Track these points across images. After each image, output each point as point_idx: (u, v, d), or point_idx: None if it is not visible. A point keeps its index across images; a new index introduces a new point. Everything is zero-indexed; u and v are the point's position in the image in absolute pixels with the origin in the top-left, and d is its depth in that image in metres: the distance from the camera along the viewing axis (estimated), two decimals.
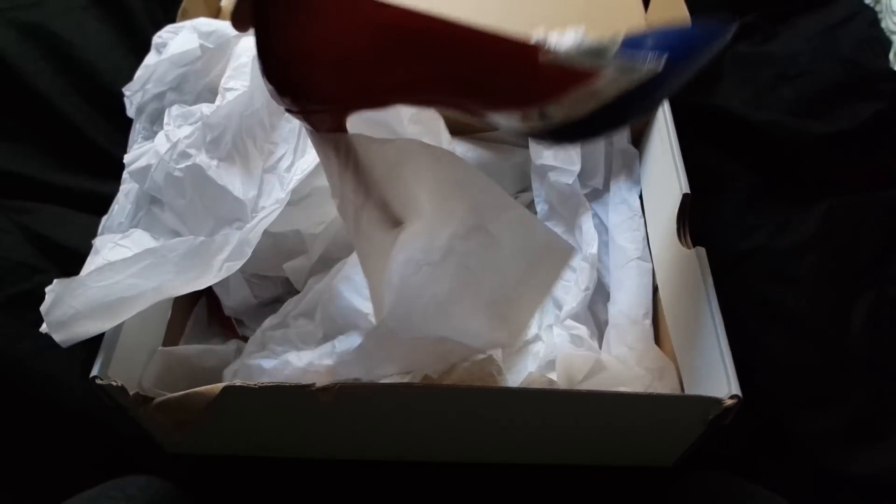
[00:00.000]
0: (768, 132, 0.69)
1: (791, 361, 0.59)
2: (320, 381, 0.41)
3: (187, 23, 0.59)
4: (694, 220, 0.54)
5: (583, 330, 0.56)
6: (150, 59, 0.58)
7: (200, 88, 0.57)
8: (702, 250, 0.49)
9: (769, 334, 0.60)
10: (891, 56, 0.73)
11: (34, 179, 0.66)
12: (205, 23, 0.59)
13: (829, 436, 0.55)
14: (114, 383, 0.42)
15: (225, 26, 0.59)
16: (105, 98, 0.68)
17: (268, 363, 0.50)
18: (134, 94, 0.58)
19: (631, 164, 0.63)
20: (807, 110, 0.69)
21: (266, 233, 0.49)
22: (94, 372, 0.43)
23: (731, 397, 0.42)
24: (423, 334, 0.43)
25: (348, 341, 0.50)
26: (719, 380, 0.43)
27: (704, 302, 0.47)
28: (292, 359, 0.50)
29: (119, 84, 0.60)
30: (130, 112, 0.58)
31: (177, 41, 0.58)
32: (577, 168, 0.60)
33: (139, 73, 0.58)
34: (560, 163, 0.61)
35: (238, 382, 0.42)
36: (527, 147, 0.63)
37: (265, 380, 0.45)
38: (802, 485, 0.54)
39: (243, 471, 0.53)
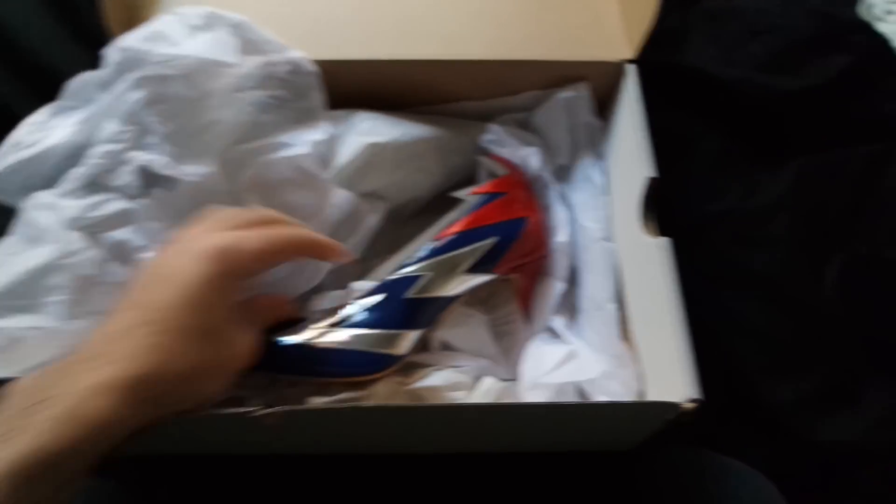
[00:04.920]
0: (738, 90, 0.66)
1: (761, 328, 0.58)
2: None
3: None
4: (661, 184, 0.52)
5: (558, 321, 0.55)
6: (172, 29, 0.50)
7: (209, 88, 0.50)
8: (667, 240, 0.48)
9: (739, 300, 0.60)
10: (861, 7, 0.70)
11: None
12: (250, 28, 0.54)
13: (801, 403, 0.55)
14: None
15: (264, 40, 0.54)
16: (28, 67, 0.64)
17: None
18: (131, 56, 0.49)
19: (595, 137, 0.60)
20: (777, 66, 0.66)
21: None
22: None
23: (692, 401, 0.41)
24: None
25: None
26: (681, 381, 0.43)
27: (666, 297, 0.45)
28: None
29: (46, 54, 0.55)
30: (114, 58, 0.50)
31: (213, 38, 0.51)
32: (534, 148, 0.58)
33: (146, 38, 0.49)
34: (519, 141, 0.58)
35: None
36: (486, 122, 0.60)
37: None
38: (775, 454, 0.54)
39: (192, 467, 0.52)
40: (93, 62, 0.51)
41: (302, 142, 0.52)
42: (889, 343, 0.55)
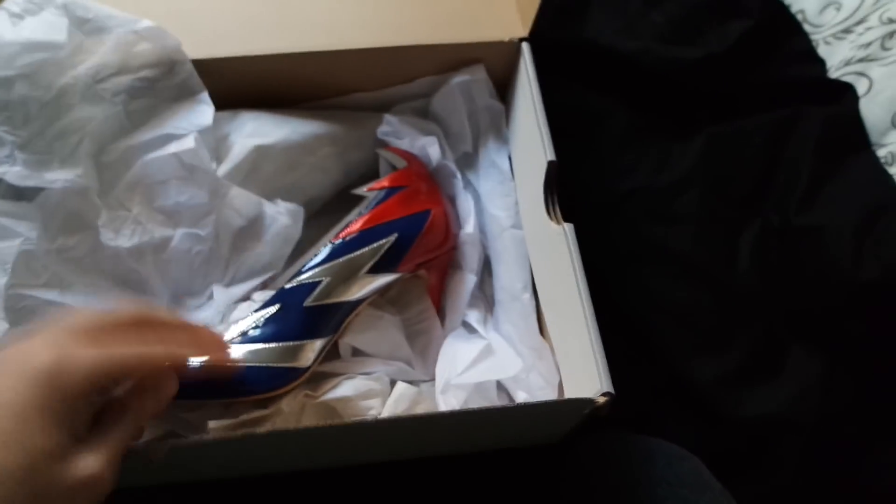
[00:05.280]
0: (640, 62, 0.64)
1: (682, 305, 0.57)
2: None
3: None
4: (571, 163, 0.50)
5: (473, 315, 0.53)
6: None
7: (62, 84, 0.46)
8: (570, 227, 0.46)
9: (657, 278, 0.58)
10: None
11: None
12: (81, 5, 0.48)
13: (725, 379, 0.54)
14: None
15: (105, 15, 0.48)
16: None
17: None
18: None
19: (497, 121, 0.58)
20: (678, 35, 0.64)
21: None
22: None
23: (603, 395, 0.39)
24: None
25: None
26: (593, 374, 0.41)
27: (574, 287, 0.43)
28: None
29: None
30: None
31: (39, 21, 0.46)
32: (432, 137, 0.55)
33: None
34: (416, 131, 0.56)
35: None
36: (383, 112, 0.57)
37: None
38: (703, 432, 0.53)
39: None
40: None
41: (186, 131, 0.49)
42: (807, 311, 0.54)
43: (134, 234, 0.47)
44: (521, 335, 0.52)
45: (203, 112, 0.50)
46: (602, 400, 0.39)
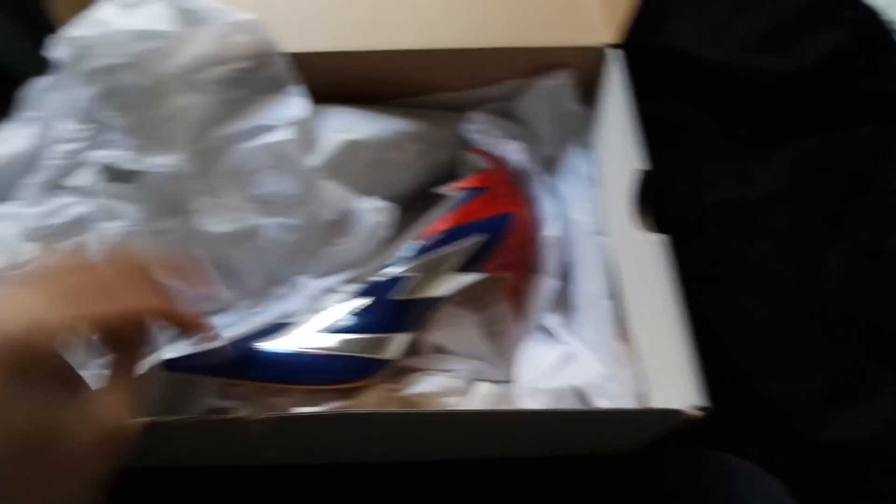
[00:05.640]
0: (726, 72, 0.64)
1: (763, 322, 0.56)
2: None
3: None
4: (654, 173, 0.49)
5: (552, 319, 0.53)
6: (108, 12, 0.47)
7: (164, 73, 0.46)
8: (663, 237, 0.45)
9: (739, 294, 0.57)
10: None
11: None
12: None
13: (807, 400, 0.53)
14: None
15: (205, 7, 0.49)
16: None
17: None
18: (77, 48, 0.45)
19: (581, 127, 0.57)
20: (766, 45, 0.64)
21: None
22: None
23: (696, 408, 0.39)
24: None
25: None
26: (685, 386, 0.40)
27: (666, 297, 0.43)
28: None
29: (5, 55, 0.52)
30: (61, 54, 0.46)
31: (147, 11, 0.48)
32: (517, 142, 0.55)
33: (86, 25, 0.45)
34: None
35: (159, 419, 0.37)
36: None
37: None
38: (779, 452, 0.52)
39: (179, 480, 0.50)
40: (43, 58, 0.48)
41: (281, 123, 0.49)
42: (894, 335, 0.53)
43: (231, 221, 0.48)
44: (600, 342, 0.51)
45: (296, 105, 0.51)
46: (694, 413, 0.39)
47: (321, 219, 0.50)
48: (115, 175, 0.45)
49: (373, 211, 0.52)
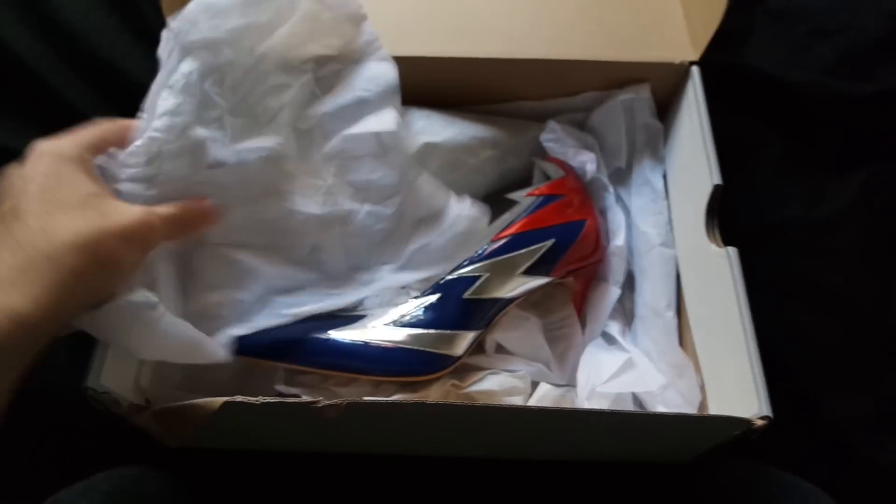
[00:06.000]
0: (803, 93, 0.64)
1: (827, 342, 0.56)
2: None
3: None
4: (723, 191, 0.50)
5: (614, 327, 0.54)
6: None
7: (261, 51, 0.46)
8: (734, 251, 0.46)
9: (804, 312, 0.57)
10: None
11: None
12: None
13: (865, 421, 0.53)
14: (106, 393, 0.41)
15: None
16: (89, 65, 0.64)
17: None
18: (180, 21, 0.44)
19: (655, 140, 0.58)
20: (845, 69, 0.64)
21: None
22: (88, 382, 0.41)
23: (762, 418, 0.40)
24: None
25: None
26: (748, 395, 0.41)
27: (735, 309, 0.44)
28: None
29: (104, 50, 0.55)
30: (163, 51, 0.46)
31: None
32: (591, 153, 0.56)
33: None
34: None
35: (239, 399, 0.40)
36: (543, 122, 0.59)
37: None
38: (836, 472, 0.52)
39: (244, 462, 0.52)
40: (152, 57, 0.50)
41: (373, 92, 0.49)
42: None
43: (325, 204, 0.49)
44: (662, 351, 0.52)
45: (386, 71, 0.50)
46: (760, 422, 0.40)
47: (414, 212, 0.51)
48: (214, 152, 0.44)
49: (468, 212, 0.52)
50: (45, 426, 0.53)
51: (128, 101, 0.62)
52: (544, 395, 0.49)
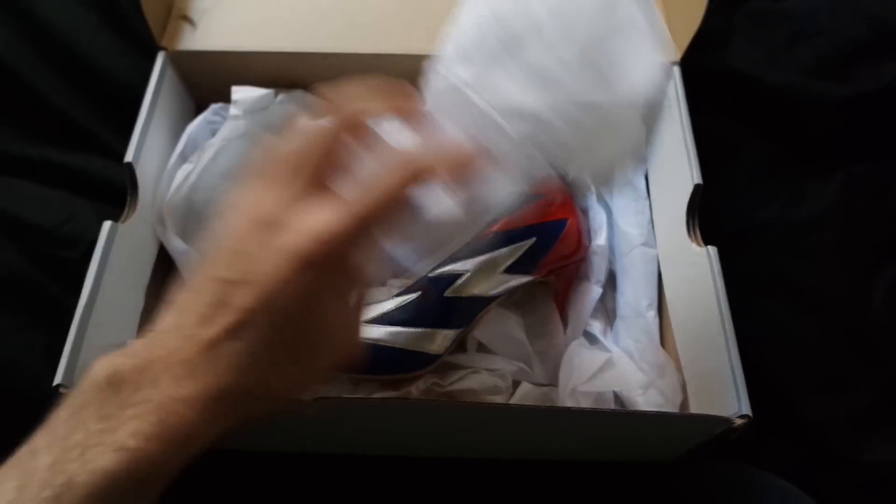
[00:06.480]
0: (783, 95, 0.64)
1: (806, 342, 0.56)
2: None
3: None
4: (703, 191, 0.50)
5: (596, 326, 0.54)
6: None
7: None
8: (714, 250, 0.46)
9: (783, 313, 0.57)
10: None
11: None
12: None
13: (845, 421, 0.53)
14: None
15: None
16: (67, 62, 0.63)
17: None
18: None
19: (636, 141, 0.58)
20: (825, 71, 0.64)
21: None
22: (58, 379, 0.40)
23: (741, 417, 0.40)
24: None
25: None
26: (728, 395, 0.41)
27: (715, 309, 0.44)
28: None
29: (82, 47, 0.54)
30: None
31: None
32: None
33: None
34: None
35: None
36: None
37: None
38: (817, 473, 0.52)
39: (227, 461, 0.51)
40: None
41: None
42: None
43: None
44: (643, 351, 0.52)
45: None
46: (739, 421, 0.40)
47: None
48: None
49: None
50: (18, 426, 0.51)
51: (106, 98, 0.62)
52: (525, 395, 0.49)
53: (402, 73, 0.56)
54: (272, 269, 0.30)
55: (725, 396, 0.41)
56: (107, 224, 0.46)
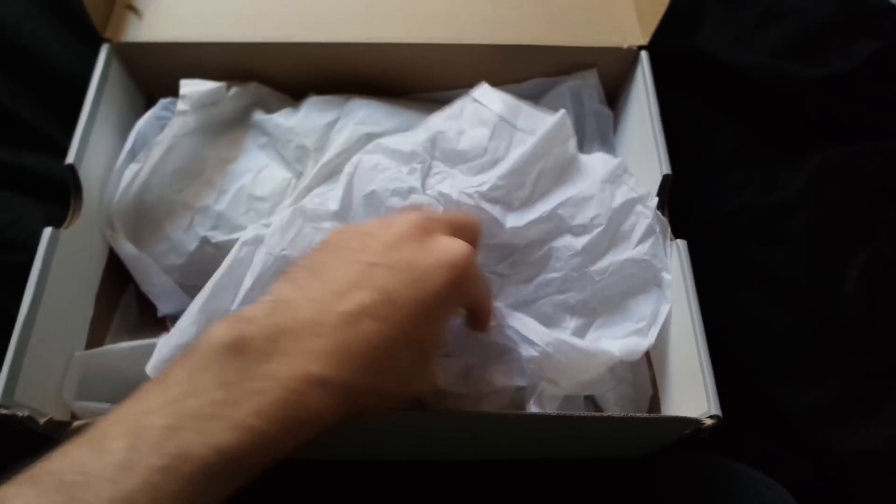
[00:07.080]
0: (753, 77, 0.62)
1: (780, 329, 0.55)
2: None
3: None
4: (675, 179, 0.49)
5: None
6: None
7: None
8: (683, 244, 0.45)
9: (756, 301, 0.56)
10: None
11: None
12: None
13: (820, 409, 0.52)
14: (19, 413, 0.38)
15: None
16: (8, 54, 0.60)
17: None
18: None
19: (605, 127, 0.57)
20: (797, 52, 0.63)
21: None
22: None
23: (711, 417, 0.39)
24: None
25: None
26: (698, 393, 0.40)
27: (685, 304, 0.42)
28: None
29: (24, 38, 0.52)
30: None
31: None
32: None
33: None
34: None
35: None
36: None
37: None
38: (792, 463, 0.52)
39: None
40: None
41: None
42: None
43: None
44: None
45: None
46: (709, 422, 0.38)
47: None
48: None
49: None
50: None
51: (54, 93, 0.59)
52: (495, 398, 0.47)
53: (362, 63, 0.55)
54: (432, 268, 0.32)
55: (696, 395, 0.40)
56: (47, 230, 0.43)
